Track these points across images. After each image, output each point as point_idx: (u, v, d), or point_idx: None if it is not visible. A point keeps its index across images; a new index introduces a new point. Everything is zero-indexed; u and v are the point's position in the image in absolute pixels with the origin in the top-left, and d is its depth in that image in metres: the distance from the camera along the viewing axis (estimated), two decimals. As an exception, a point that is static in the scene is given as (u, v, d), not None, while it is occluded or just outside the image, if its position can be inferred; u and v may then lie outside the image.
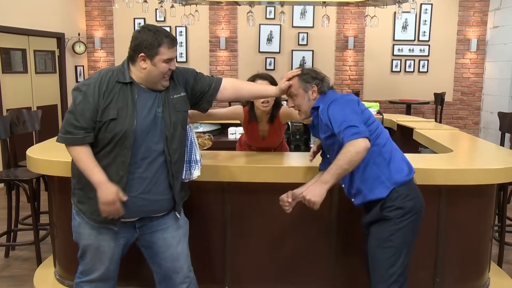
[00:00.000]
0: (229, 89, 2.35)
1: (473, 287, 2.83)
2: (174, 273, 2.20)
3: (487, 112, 7.95)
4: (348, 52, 8.05)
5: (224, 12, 7.98)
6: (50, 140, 3.24)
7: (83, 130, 1.98)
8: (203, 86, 2.27)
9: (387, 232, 2.14)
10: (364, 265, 2.75)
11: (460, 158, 3.01)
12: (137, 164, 2.02)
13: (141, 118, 2.01)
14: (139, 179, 2.04)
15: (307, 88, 2.28)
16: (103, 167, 2.01)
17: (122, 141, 1.98)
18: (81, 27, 7.97)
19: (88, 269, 2.16)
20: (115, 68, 2.09)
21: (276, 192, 2.65)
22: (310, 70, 2.33)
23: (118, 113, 1.98)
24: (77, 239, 2.16)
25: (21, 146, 3.75)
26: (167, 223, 2.19)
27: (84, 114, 1.97)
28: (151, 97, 2.07)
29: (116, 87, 2.02)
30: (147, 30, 2.04)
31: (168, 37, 2.04)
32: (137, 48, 2.03)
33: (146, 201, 2.07)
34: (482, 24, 7.89)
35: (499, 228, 3.59)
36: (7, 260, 3.72)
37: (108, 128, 1.98)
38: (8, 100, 6.05)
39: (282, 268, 2.77)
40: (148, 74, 2.04)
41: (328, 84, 2.31)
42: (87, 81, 2.04)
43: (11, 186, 3.72)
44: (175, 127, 2.09)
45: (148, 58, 2.02)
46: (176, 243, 2.20)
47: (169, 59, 2.05)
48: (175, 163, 2.12)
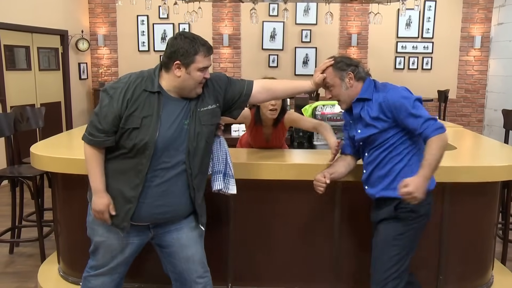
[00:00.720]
0: (263, 93, 2.28)
1: (476, 285, 2.83)
2: (189, 274, 2.18)
3: (491, 109, 7.92)
4: (351, 49, 8.03)
5: (227, 9, 7.97)
6: (54, 137, 3.25)
7: (104, 134, 1.99)
8: (235, 93, 2.21)
9: (396, 231, 2.14)
10: (366, 264, 2.75)
11: (464, 156, 3.00)
12: (156, 173, 2.01)
13: (164, 129, 1.98)
14: (156, 187, 2.03)
15: (343, 76, 2.22)
16: (121, 171, 2.02)
17: (143, 150, 1.97)
18: (84, 24, 7.98)
19: (99, 265, 2.17)
20: (145, 74, 2.05)
21: (280, 190, 2.66)
22: (343, 58, 2.27)
23: (141, 122, 1.96)
24: (91, 235, 2.17)
25: (25, 143, 3.76)
26: (182, 224, 2.17)
27: (107, 117, 1.97)
28: (179, 107, 2.04)
29: (142, 95, 1.98)
30: (183, 37, 1.99)
31: (205, 46, 2.01)
32: (172, 55, 1.98)
33: (160, 209, 2.06)
34: (487, 21, 7.85)
35: (502, 226, 3.58)
36: (11, 257, 3.73)
37: (130, 136, 1.97)
38: (11, 97, 6.07)
39: (285, 266, 2.78)
40: (182, 82, 2.01)
41: (364, 70, 2.25)
42: (116, 84, 2.03)
43: (15, 183, 3.73)
44: (198, 140, 2.05)
45: (183, 66, 1.98)
46: (191, 244, 2.18)
47: (204, 67, 2.01)
48: (196, 177, 2.09)
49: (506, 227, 3.47)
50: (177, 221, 2.15)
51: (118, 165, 2.03)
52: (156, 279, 2.52)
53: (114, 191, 2.05)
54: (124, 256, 2.15)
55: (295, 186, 2.62)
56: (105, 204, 2.03)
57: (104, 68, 8.19)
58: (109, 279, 2.19)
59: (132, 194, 2.00)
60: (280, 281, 2.79)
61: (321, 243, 2.75)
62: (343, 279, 2.79)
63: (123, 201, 2.03)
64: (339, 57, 2.29)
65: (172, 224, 2.15)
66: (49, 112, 4.95)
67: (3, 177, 3.55)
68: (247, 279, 2.81)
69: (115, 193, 2.05)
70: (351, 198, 2.68)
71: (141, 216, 2.05)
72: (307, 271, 2.79)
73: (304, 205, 2.71)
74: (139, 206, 2.02)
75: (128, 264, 2.23)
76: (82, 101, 7.96)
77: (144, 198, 2.02)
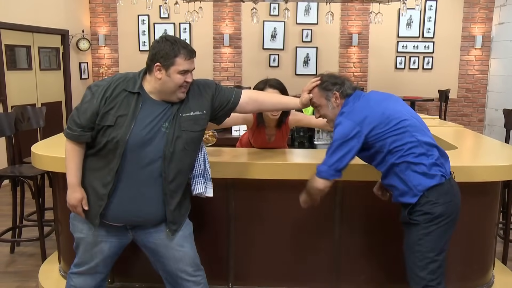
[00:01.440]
0: (251, 103, 2.30)
1: (477, 284, 2.82)
2: (179, 273, 2.18)
3: (492, 109, 7.92)
4: (352, 49, 8.03)
5: (228, 8, 7.97)
6: (55, 137, 3.25)
7: (80, 128, 2.02)
8: (222, 100, 2.21)
9: (415, 236, 2.11)
10: (366, 264, 2.76)
11: (465, 155, 3.00)
12: (128, 174, 2.02)
13: (138, 130, 1.99)
14: (128, 188, 2.03)
15: (329, 96, 2.23)
16: (96, 168, 2.06)
17: (114, 149, 1.99)
18: (85, 24, 7.98)
19: (80, 262, 2.20)
20: (130, 75, 2.08)
21: (280, 189, 2.66)
22: (329, 77, 2.27)
23: (116, 120, 1.99)
24: (72, 230, 2.20)
25: (25, 142, 3.77)
26: (161, 226, 2.15)
27: (86, 113, 2.01)
28: (158, 110, 2.04)
29: (121, 95, 2.01)
30: (165, 40, 2.01)
31: (186, 48, 2.01)
32: (154, 57, 2.01)
33: (132, 211, 2.06)
34: (488, 20, 7.85)
35: (503, 226, 3.58)
36: (12, 256, 3.74)
37: (104, 133, 2.00)
38: (12, 97, 6.08)
39: (286, 265, 2.78)
40: (163, 84, 2.01)
41: (350, 86, 2.24)
42: (100, 82, 2.07)
43: (16, 183, 3.74)
44: (175, 145, 2.04)
45: (163, 68, 1.99)
46: (176, 244, 2.16)
47: (185, 70, 2.02)
48: (171, 182, 2.07)
49: (507, 227, 3.46)
50: (154, 224, 2.14)
51: (93, 162, 2.07)
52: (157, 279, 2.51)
53: (89, 187, 2.09)
54: (103, 255, 2.16)
55: (296, 186, 2.62)
56: (77, 198, 2.07)
57: (105, 67, 8.19)
58: (90, 278, 2.21)
59: (104, 192, 2.03)
60: (280, 281, 2.79)
61: (322, 243, 2.75)
62: (343, 279, 2.78)
63: (95, 198, 2.06)
64: (326, 76, 2.29)
65: (151, 227, 2.14)
66: (50, 112, 4.95)
67: (4, 176, 3.55)
68: (247, 279, 2.81)
69: (89, 189, 2.09)
70: (352, 198, 2.68)
71: (114, 216, 2.07)
72: (308, 271, 2.79)
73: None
74: (110, 205, 2.04)
75: (108, 265, 2.24)
76: (83, 100, 7.95)
77: (114, 197, 2.04)
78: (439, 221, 2.08)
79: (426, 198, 2.07)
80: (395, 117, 2.11)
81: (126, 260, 2.65)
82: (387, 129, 2.09)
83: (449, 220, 2.11)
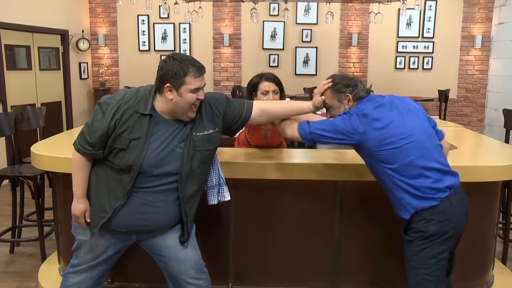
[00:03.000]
0: (263, 116, 2.27)
1: (477, 284, 2.83)
2: (181, 275, 2.17)
3: (491, 109, 7.92)
4: (352, 49, 8.03)
5: (228, 9, 7.97)
6: (55, 137, 3.25)
7: (91, 147, 2.01)
8: (234, 115, 2.20)
9: (411, 252, 2.10)
10: (366, 264, 2.76)
11: (465, 155, 3.00)
12: (141, 193, 2.01)
13: (151, 152, 1.98)
14: (137, 204, 2.02)
15: (341, 99, 2.21)
16: (106, 181, 2.04)
17: (127, 171, 1.98)
18: (85, 24, 7.98)
19: (80, 263, 2.18)
20: (141, 93, 2.03)
21: (280, 189, 2.66)
22: (341, 79, 2.24)
23: (129, 143, 1.96)
24: (75, 233, 2.19)
25: (25, 142, 3.76)
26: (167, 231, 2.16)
27: (96, 132, 1.99)
28: (171, 130, 2.02)
29: (133, 117, 1.97)
30: (172, 59, 1.96)
31: (195, 66, 1.97)
32: (162, 78, 1.96)
33: (139, 223, 2.06)
34: (487, 20, 7.85)
35: (503, 226, 3.58)
36: (12, 256, 3.74)
37: (117, 155, 1.98)
38: (12, 97, 6.07)
39: (285, 265, 2.78)
40: (175, 105, 1.98)
41: (363, 88, 2.20)
42: (110, 100, 2.02)
43: (16, 183, 3.73)
44: (191, 165, 2.04)
45: (174, 89, 1.95)
46: (180, 246, 2.16)
47: (197, 88, 1.98)
48: (188, 201, 2.09)
49: (507, 227, 3.46)
50: (161, 232, 2.15)
51: (104, 174, 2.04)
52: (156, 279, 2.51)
53: (94, 198, 2.08)
54: (106, 255, 2.16)
55: (296, 186, 2.62)
56: (81, 210, 2.09)
57: (104, 67, 8.19)
58: (88, 276, 2.18)
59: (111, 206, 2.01)
60: (280, 281, 2.79)
61: (322, 243, 2.75)
62: (343, 279, 2.78)
63: (99, 209, 2.05)
64: (338, 78, 2.25)
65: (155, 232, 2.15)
66: (49, 112, 4.95)
67: (4, 176, 3.55)
68: (247, 279, 2.81)
69: (94, 200, 2.08)
70: (351, 197, 2.68)
71: (119, 225, 2.06)
72: (308, 271, 2.79)
73: (305, 204, 2.71)
74: (116, 217, 2.03)
75: (109, 264, 2.24)
76: (83, 100, 7.97)
77: (122, 211, 2.02)
78: (433, 239, 2.04)
79: (419, 217, 2.04)
80: (397, 134, 2.04)
81: (125, 260, 2.65)
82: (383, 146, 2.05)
83: (445, 238, 2.05)
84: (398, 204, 2.11)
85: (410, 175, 2.03)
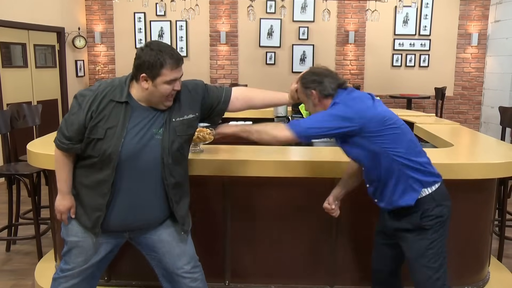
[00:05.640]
0: (241, 100, 2.27)
1: (473, 281, 2.84)
2: (176, 270, 2.16)
3: (487, 106, 7.94)
4: (348, 47, 8.03)
5: (225, 6, 7.95)
6: (51, 135, 3.24)
7: (69, 141, 1.99)
8: (213, 100, 2.20)
9: (428, 240, 2.09)
10: (364, 262, 2.76)
11: (461, 153, 3.01)
12: (125, 184, 1.99)
13: (129, 140, 1.95)
14: (126, 197, 2.01)
15: (308, 94, 2.15)
16: (91, 182, 2.01)
17: (108, 161, 1.95)
18: (81, 22, 7.95)
19: (71, 268, 2.12)
20: (116, 82, 2.02)
21: (276, 187, 2.66)
22: (309, 73, 2.17)
23: (106, 133, 1.94)
24: (65, 235, 2.15)
25: (21, 140, 3.75)
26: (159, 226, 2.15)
27: (73, 125, 1.97)
28: (148, 117, 2.00)
29: (109, 106, 1.96)
30: (149, 49, 1.93)
31: (172, 58, 1.94)
32: (139, 67, 1.94)
33: (131, 219, 2.05)
34: (484, 18, 7.86)
35: (499, 223, 3.59)
36: (8, 254, 3.73)
37: (95, 146, 1.96)
38: (8, 95, 6.05)
39: (282, 263, 2.78)
40: (150, 94, 1.97)
41: (331, 85, 2.10)
42: (85, 92, 2.01)
43: (12, 181, 3.72)
44: (172, 151, 2.02)
45: (149, 79, 1.93)
46: (173, 240, 2.15)
47: (172, 80, 1.96)
48: (174, 188, 2.07)
49: (503, 224, 3.48)
50: (154, 227, 2.13)
51: (87, 174, 2.03)
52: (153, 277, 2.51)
53: (84, 201, 2.06)
54: (99, 256, 2.13)
55: (293, 183, 2.62)
56: (66, 206, 2.08)
57: (101, 65, 8.16)
58: (79, 279, 2.13)
59: (101, 202, 2.00)
60: (276, 278, 2.79)
61: (319, 240, 2.76)
62: (341, 276, 2.79)
63: (93, 209, 2.03)
64: (306, 72, 2.18)
65: (151, 229, 2.14)
66: (45, 110, 4.93)
67: (0, 174, 3.53)
68: (244, 276, 2.81)
69: (85, 202, 2.06)
70: (349, 195, 2.68)
71: (113, 224, 2.05)
72: (305, 268, 2.79)
73: (302, 202, 2.71)
74: (109, 215, 2.02)
75: (102, 267, 2.21)
76: (79, 98, 7.93)
77: (113, 207, 2.01)
78: (447, 223, 2.12)
79: (434, 202, 2.07)
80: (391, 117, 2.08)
81: (122, 259, 2.65)
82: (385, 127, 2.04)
83: (449, 221, 2.15)
84: (403, 188, 2.06)
85: (414, 153, 2.07)
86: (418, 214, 2.08)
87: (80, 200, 2.08)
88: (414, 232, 2.11)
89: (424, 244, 2.09)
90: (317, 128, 2.05)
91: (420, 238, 2.10)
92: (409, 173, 2.05)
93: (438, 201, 2.08)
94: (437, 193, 2.09)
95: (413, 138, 2.14)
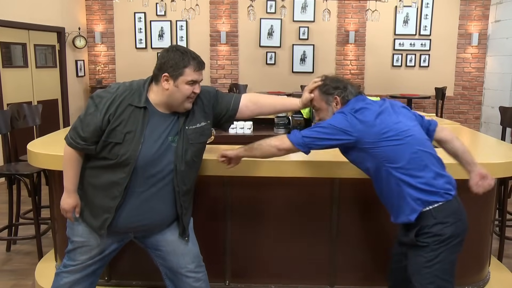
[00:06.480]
0: (250, 106, 2.28)
1: (473, 281, 2.84)
2: (180, 269, 2.17)
3: (488, 106, 7.94)
4: (349, 47, 8.03)
5: (225, 6, 7.96)
6: (51, 135, 3.24)
7: (84, 142, 1.98)
8: (222, 107, 2.21)
9: (425, 258, 1.98)
10: (364, 262, 2.76)
11: (461, 153, 3.00)
12: (137, 188, 2.00)
13: (147, 146, 1.96)
14: (136, 201, 2.02)
15: (329, 101, 2.12)
16: (102, 183, 2.01)
17: (124, 165, 1.96)
18: (82, 22, 7.96)
19: (75, 264, 2.15)
20: (135, 86, 2.02)
21: (277, 187, 2.66)
22: (330, 80, 2.15)
23: (124, 137, 1.94)
24: (70, 234, 2.16)
25: (21, 140, 3.75)
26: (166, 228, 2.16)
27: (89, 127, 1.96)
28: (165, 123, 2.01)
29: (127, 110, 1.96)
30: (175, 49, 1.98)
31: (196, 60, 1.99)
32: (162, 66, 1.96)
33: (138, 222, 2.06)
34: (484, 18, 7.86)
35: (499, 223, 3.59)
36: (8, 254, 3.73)
37: (112, 150, 1.96)
38: (8, 95, 6.05)
39: (283, 263, 2.78)
40: (170, 96, 1.98)
41: (353, 91, 2.11)
42: (103, 94, 2.00)
43: (12, 181, 3.72)
44: (185, 159, 2.03)
45: (171, 79, 1.95)
46: (178, 239, 2.16)
47: (193, 81, 1.99)
48: (184, 195, 2.09)
49: (503, 224, 3.48)
50: (160, 230, 2.15)
51: (99, 175, 2.02)
52: (154, 277, 2.51)
53: (92, 202, 2.06)
54: (103, 255, 2.15)
55: (293, 183, 2.62)
56: (71, 205, 2.08)
57: (101, 65, 8.17)
58: (81, 275, 2.15)
59: (111, 205, 2.00)
60: (277, 278, 2.79)
61: (319, 240, 2.76)
62: (341, 277, 2.79)
63: (101, 210, 2.03)
64: (328, 79, 2.17)
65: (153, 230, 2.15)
66: (46, 110, 4.94)
67: (0, 174, 3.54)
68: (244, 276, 2.81)
69: (94, 203, 2.06)
70: (349, 194, 2.68)
71: (120, 226, 2.06)
72: (305, 268, 2.79)
73: (302, 202, 2.71)
74: (118, 217, 2.02)
75: (105, 262, 2.22)
76: (79, 98, 7.94)
77: (122, 210, 2.01)
78: (449, 242, 1.96)
79: (434, 219, 1.95)
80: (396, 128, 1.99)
81: (122, 258, 2.65)
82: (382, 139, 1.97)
83: (459, 240, 2.01)
84: (402, 204, 1.99)
85: (418, 167, 1.95)
86: (415, 230, 1.99)
87: (88, 200, 2.08)
88: (411, 248, 2.04)
89: (420, 262, 1.99)
90: (314, 139, 2.03)
91: (416, 255, 2.01)
92: (408, 190, 1.96)
93: (440, 218, 1.95)
94: (439, 210, 1.96)
95: (424, 149, 2.00)
